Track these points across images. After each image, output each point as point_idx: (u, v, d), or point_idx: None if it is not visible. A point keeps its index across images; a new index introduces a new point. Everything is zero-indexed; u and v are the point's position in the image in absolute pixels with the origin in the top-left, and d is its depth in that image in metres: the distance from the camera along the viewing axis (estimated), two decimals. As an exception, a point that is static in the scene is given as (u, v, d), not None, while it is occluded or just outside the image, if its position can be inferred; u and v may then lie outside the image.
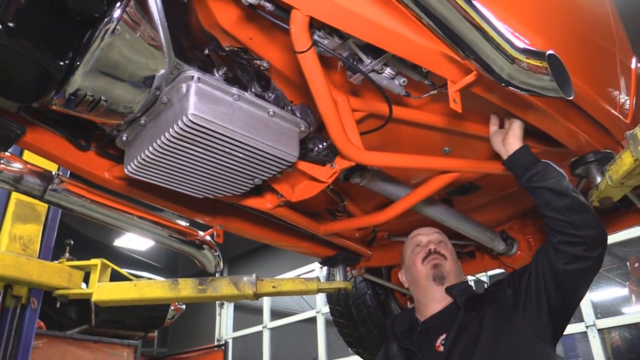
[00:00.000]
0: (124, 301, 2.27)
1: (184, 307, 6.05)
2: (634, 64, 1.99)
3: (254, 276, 2.19)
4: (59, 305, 3.40)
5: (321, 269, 6.40)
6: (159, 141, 1.12)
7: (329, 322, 7.02)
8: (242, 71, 1.24)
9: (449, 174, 1.66)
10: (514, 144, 1.45)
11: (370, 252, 2.43)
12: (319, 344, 7.35)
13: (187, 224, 2.18)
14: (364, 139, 1.40)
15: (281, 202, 1.65)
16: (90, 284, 3.33)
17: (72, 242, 3.79)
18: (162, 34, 1.04)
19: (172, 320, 5.93)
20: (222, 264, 2.19)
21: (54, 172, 1.60)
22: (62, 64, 0.98)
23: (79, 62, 0.99)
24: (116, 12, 0.96)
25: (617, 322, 5.06)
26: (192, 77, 1.10)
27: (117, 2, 0.96)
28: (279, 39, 1.28)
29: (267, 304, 8.52)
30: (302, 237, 2.23)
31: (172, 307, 5.78)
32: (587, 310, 4.97)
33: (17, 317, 3.10)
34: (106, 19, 0.96)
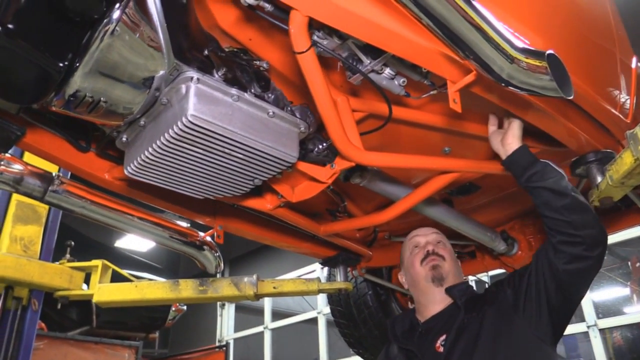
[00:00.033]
0: (125, 302, 2.27)
1: (185, 307, 6.05)
2: (634, 63, 1.99)
3: (254, 277, 2.19)
4: (59, 306, 3.40)
5: (322, 269, 6.40)
6: (158, 142, 1.12)
7: (330, 323, 7.02)
8: (242, 72, 1.23)
9: (449, 174, 1.66)
10: (513, 144, 1.45)
11: (370, 253, 2.43)
12: (320, 344, 7.35)
13: (188, 225, 2.17)
14: (363, 140, 1.40)
15: (281, 203, 1.65)
16: (91, 285, 3.33)
17: (72, 243, 3.79)
18: (161, 35, 1.04)
19: (173, 321, 5.92)
20: (222, 265, 2.19)
21: (54, 174, 1.60)
22: (61, 65, 0.98)
23: (78, 64, 0.99)
24: (115, 13, 0.96)
25: (618, 322, 5.05)
26: (191, 78, 1.10)
27: (116, 3, 0.96)
28: (278, 39, 1.28)
29: (268, 304, 8.52)
30: (303, 237, 2.23)
31: (173, 308, 5.77)
32: (588, 310, 4.96)
33: (18, 318, 3.10)
34: (105, 20, 0.96)
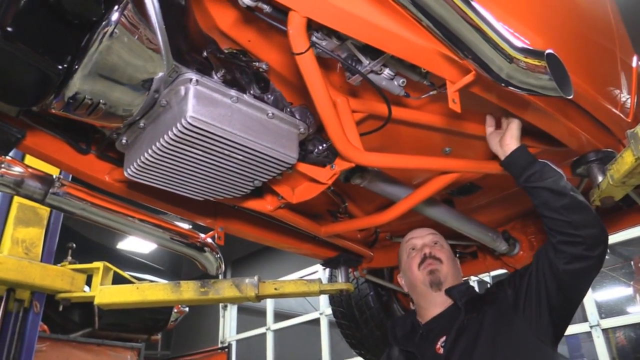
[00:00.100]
0: (126, 304, 2.28)
1: (187, 309, 6.05)
2: (635, 62, 1.99)
3: (255, 278, 2.19)
4: (61, 308, 3.40)
5: (324, 270, 6.39)
6: (158, 144, 1.12)
7: (332, 324, 7.01)
8: (241, 73, 1.23)
9: (450, 175, 1.65)
10: (512, 144, 1.45)
11: (372, 253, 2.43)
12: (323, 345, 7.34)
13: (190, 227, 2.17)
14: (363, 140, 1.40)
15: (282, 204, 1.65)
16: (92, 287, 3.32)
17: (74, 245, 3.79)
18: (160, 37, 1.04)
19: (175, 322, 5.92)
20: (223, 266, 2.19)
21: (54, 176, 1.60)
22: (60, 67, 0.98)
23: (77, 66, 0.99)
24: (114, 16, 0.96)
25: (621, 321, 5.03)
26: (190, 80, 1.10)
27: (115, 6, 0.96)
28: (277, 40, 1.27)
29: (270, 305, 8.53)
30: (304, 238, 2.23)
31: (175, 310, 5.77)
32: (591, 310, 4.94)
33: (20, 320, 3.09)
34: (104, 23, 0.96)
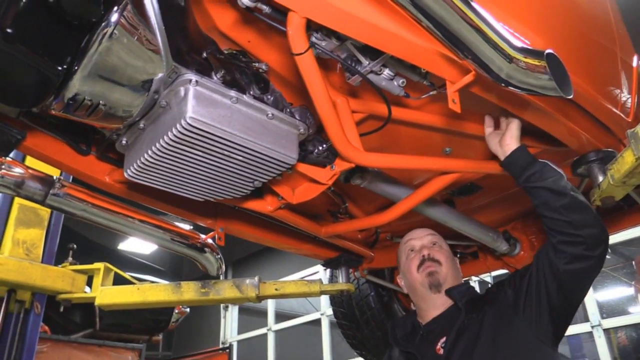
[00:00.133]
0: (127, 305, 2.28)
1: (188, 310, 6.05)
2: (636, 62, 1.99)
3: (256, 279, 2.19)
4: (62, 309, 3.40)
5: (325, 271, 6.39)
6: (158, 145, 1.13)
7: (333, 324, 7.01)
8: (241, 74, 1.23)
9: (450, 175, 1.65)
10: (512, 144, 1.44)
11: (372, 254, 2.42)
12: (324, 346, 7.34)
13: (191, 228, 2.17)
14: (364, 140, 1.40)
15: (282, 205, 1.65)
16: (93, 288, 3.33)
17: (75, 246, 3.80)
18: (159, 38, 1.04)
19: (176, 323, 5.92)
20: (224, 267, 2.19)
21: (55, 177, 1.60)
22: (60, 68, 0.98)
23: (77, 67, 0.99)
24: (113, 17, 0.96)
25: (623, 321, 5.02)
26: (190, 81, 1.10)
27: (115, 7, 0.97)
28: (277, 41, 1.27)
29: (271, 306, 8.53)
30: (304, 239, 2.23)
31: (176, 311, 5.77)
32: (592, 310, 4.93)
33: (21, 321, 3.10)
34: (103, 24, 0.96)
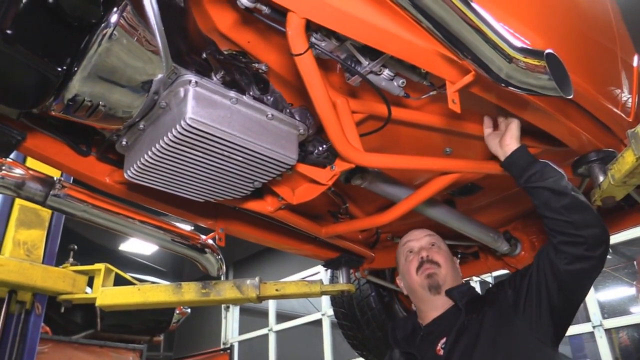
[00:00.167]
0: (128, 305, 2.27)
1: (189, 310, 6.05)
2: (636, 61, 1.98)
3: (257, 279, 2.18)
4: (63, 310, 3.41)
5: (326, 271, 6.38)
6: (157, 145, 1.13)
7: (334, 325, 7.00)
8: (241, 74, 1.24)
9: (450, 175, 1.65)
10: (512, 144, 1.44)
11: (373, 254, 2.42)
12: (325, 346, 7.33)
13: (192, 228, 2.17)
14: (364, 141, 1.40)
15: (282, 205, 1.65)
16: (94, 288, 3.34)
17: (75, 247, 3.80)
18: (159, 39, 1.04)
19: (177, 324, 5.92)
20: (224, 267, 2.19)
21: (55, 178, 1.60)
22: (60, 69, 0.98)
23: (76, 68, 0.99)
24: (113, 17, 0.96)
25: (624, 321, 5.00)
26: (189, 81, 1.10)
27: (114, 8, 0.97)
28: (276, 42, 1.27)
29: (272, 306, 8.52)
30: (305, 239, 2.23)
31: (177, 311, 5.77)
32: (594, 310, 4.91)
33: (22, 322, 3.11)
34: (103, 25, 0.96)
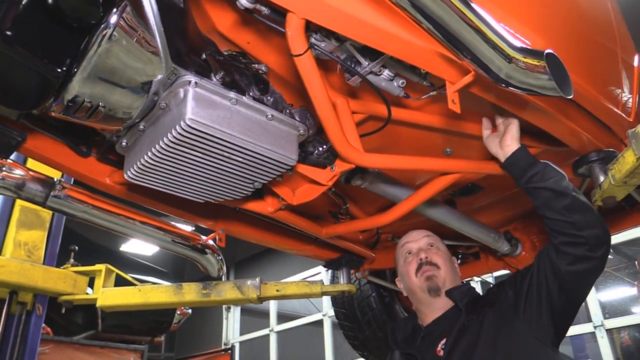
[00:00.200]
0: (129, 306, 2.28)
1: (190, 311, 6.05)
2: (637, 61, 1.98)
3: (257, 280, 2.18)
4: (64, 311, 3.41)
5: (327, 272, 6.38)
6: (157, 146, 1.13)
7: (335, 325, 6.97)
8: (240, 75, 1.24)
9: (451, 175, 1.65)
10: (512, 145, 1.43)
11: (373, 255, 2.42)
12: (326, 347, 7.34)
13: (192, 229, 2.17)
14: (364, 141, 1.40)
15: (282, 206, 1.65)
16: (95, 289, 3.34)
17: (76, 247, 3.80)
18: (158, 39, 1.04)
19: (178, 324, 5.92)
20: (225, 268, 2.19)
21: (55, 179, 1.60)
22: (59, 70, 0.98)
23: (76, 69, 0.99)
24: (113, 18, 0.97)
25: (626, 322, 4.99)
26: (189, 82, 1.10)
27: (114, 8, 0.97)
28: (276, 42, 1.27)
29: (273, 307, 8.53)
30: (305, 240, 2.23)
31: (178, 312, 5.78)
32: (595, 310, 4.91)
33: (23, 323, 3.11)
34: (103, 25, 0.97)
